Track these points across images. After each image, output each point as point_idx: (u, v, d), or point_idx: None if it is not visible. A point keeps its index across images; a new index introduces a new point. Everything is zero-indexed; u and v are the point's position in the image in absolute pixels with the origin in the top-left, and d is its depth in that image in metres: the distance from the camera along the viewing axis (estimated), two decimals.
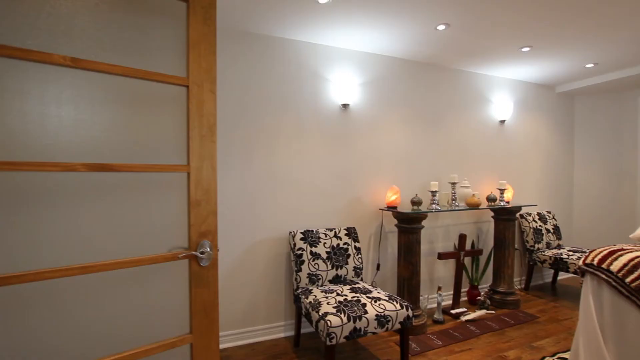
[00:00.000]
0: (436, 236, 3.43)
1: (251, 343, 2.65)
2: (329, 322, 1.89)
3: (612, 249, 1.64)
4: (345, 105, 2.92)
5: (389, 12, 2.30)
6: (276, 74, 2.71)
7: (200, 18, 1.28)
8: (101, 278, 1.16)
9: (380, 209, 3.08)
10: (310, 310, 2.12)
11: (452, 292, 3.39)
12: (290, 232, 2.61)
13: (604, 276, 1.59)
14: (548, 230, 3.91)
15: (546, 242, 3.84)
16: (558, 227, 4.03)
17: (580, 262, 1.72)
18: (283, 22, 2.46)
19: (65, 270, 1.05)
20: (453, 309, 3.21)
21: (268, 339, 2.71)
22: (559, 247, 3.90)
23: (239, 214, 2.61)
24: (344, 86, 2.87)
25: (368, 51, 3.02)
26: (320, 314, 1.98)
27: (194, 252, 1.29)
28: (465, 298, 3.57)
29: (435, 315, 3.05)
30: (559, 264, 3.46)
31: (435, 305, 3.17)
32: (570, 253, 3.54)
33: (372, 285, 2.88)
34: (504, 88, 3.82)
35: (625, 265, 1.53)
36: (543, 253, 3.67)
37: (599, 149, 4.32)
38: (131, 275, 1.25)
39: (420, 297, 3.24)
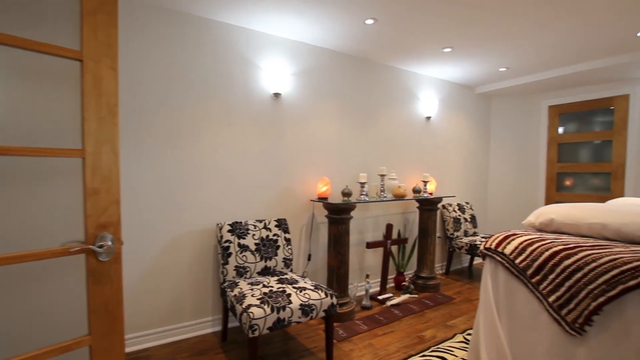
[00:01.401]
0: (366, 226, 3.56)
1: (176, 341, 2.52)
2: (251, 314, 1.86)
3: (507, 234, 1.84)
4: (276, 95, 2.87)
5: (319, 1, 2.30)
6: (203, 57, 2.57)
7: None
8: None
9: (311, 200, 3.11)
10: (234, 303, 2.07)
11: (380, 279, 3.55)
12: (218, 224, 2.52)
13: (499, 258, 1.77)
14: (466, 220, 4.27)
15: (464, 230, 4.19)
16: (474, 216, 4.42)
17: (482, 247, 1.90)
18: (210, 2, 2.33)
19: None
20: (380, 295, 3.37)
21: (195, 335, 2.60)
22: (474, 234, 4.29)
23: (161, 206, 2.45)
24: (275, 75, 2.82)
25: (301, 40, 3.00)
26: (243, 306, 1.94)
27: (90, 246, 1.17)
28: (393, 284, 3.77)
29: (363, 302, 3.18)
30: (474, 250, 3.80)
31: (364, 292, 3.30)
32: (483, 240, 3.91)
33: (303, 275, 2.90)
34: (430, 86, 4.05)
35: (516, 248, 1.72)
36: (461, 240, 4.00)
37: (510, 146, 4.81)
38: (18, 273, 1.10)
39: (350, 285, 3.35)
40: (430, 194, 3.66)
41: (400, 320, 2.91)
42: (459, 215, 4.22)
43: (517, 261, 1.68)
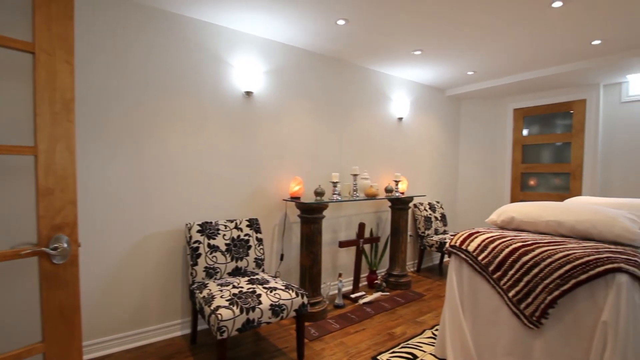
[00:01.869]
0: (339, 226, 3.59)
1: (142, 345, 2.44)
2: (219, 316, 1.83)
3: (470, 232, 1.90)
4: (248, 93, 2.84)
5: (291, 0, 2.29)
6: (172, 53, 2.50)
7: None
8: None
9: (284, 200, 3.10)
10: (203, 304, 2.03)
11: (353, 278, 3.58)
12: (187, 224, 2.46)
13: (463, 255, 1.83)
14: (436, 218, 4.39)
15: (435, 229, 4.31)
16: (445, 215, 4.55)
17: (447, 245, 1.96)
18: None
19: None
20: (353, 293, 3.41)
21: (162, 339, 2.53)
22: (444, 232, 4.42)
23: (127, 206, 2.36)
24: (247, 73, 2.79)
25: (273, 39, 2.98)
26: (212, 307, 1.91)
27: (44, 249, 1.11)
28: (366, 282, 3.81)
29: (336, 301, 3.20)
30: (443, 248, 3.91)
31: (336, 291, 3.32)
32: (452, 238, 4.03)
33: (275, 275, 2.88)
34: (402, 87, 4.13)
35: (478, 245, 1.78)
36: (431, 238, 4.11)
37: (479, 147, 4.98)
38: None
39: (323, 285, 3.36)
40: (402, 193, 3.73)
41: (372, 318, 2.95)
42: (430, 214, 4.33)
43: (480, 258, 1.75)
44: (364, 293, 3.42)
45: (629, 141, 3.85)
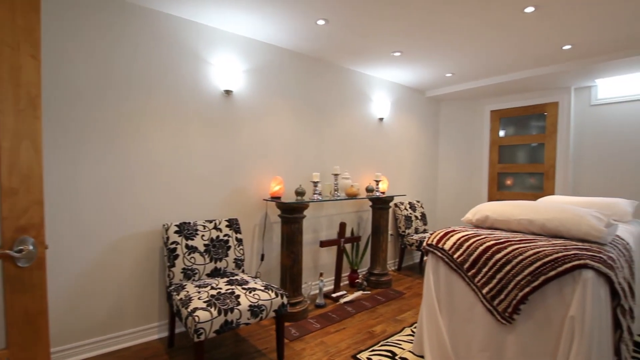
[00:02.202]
0: (320, 225, 3.59)
1: (118, 349, 2.38)
2: (196, 318, 1.80)
3: (446, 231, 1.94)
4: (228, 92, 2.81)
5: None
6: (148, 50, 2.44)
7: None
8: None
9: (264, 200, 3.08)
10: (180, 307, 2.00)
11: (334, 277, 3.60)
12: (164, 225, 2.41)
13: (439, 254, 1.87)
14: (417, 217, 4.46)
15: (415, 228, 4.37)
16: (425, 214, 4.63)
17: (424, 243, 1.99)
18: None
19: None
20: (334, 292, 3.42)
21: (139, 343, 2.47)
22: (424, 231, 4.49)
23: (100, 207, 2.29)
24: (227, 71, 2.76)
25: (253, 37, 2.95)
26: (189, 310, 1.88)
27: (7, 251, 1.06)
28: (347, 282, 3.84)
29: (317, 300, 3.20)
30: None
31: (318, 291, 3.32)
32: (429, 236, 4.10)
33: (256, 276, 2.86)
34: (383, 88, 4.18)
35: (454, 244, 1.82)
36: (412, 237, 4.17)
37: (458, 147, 5.09)
38: None
39: (304, 285, 3.36)
40: (383, 193, 3.77)
41: (353, 316, 2.97)
42: (410, 214, 4.39)
43: (455, 256, 1.79)
44: (345, 292, 3.44)
45: (598, 142, 4.01)
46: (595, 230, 1.70)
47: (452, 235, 1.88)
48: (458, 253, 1.78)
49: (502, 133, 4.74)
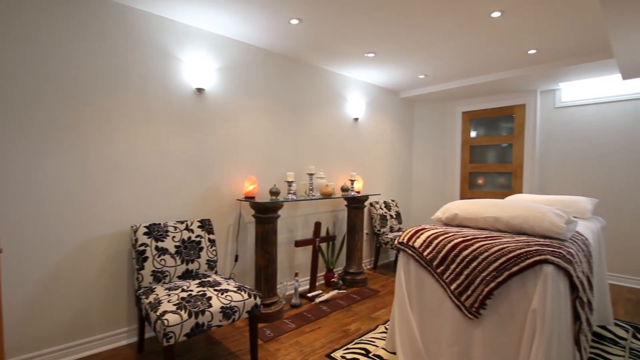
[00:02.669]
0: (296, 225, 3.58)
1: (85, 357, 2.29)
2: (165, 322, 1.75)
3: (417, 229, 1.98)
4: (200, 90, 2.75)
5: None
6: (115, 46, 2.36)
7: None
8: None
9: (238, 200, 3.04)
10: (149, 310, 1.94)
11: (310, 277, 3.60)
12: (132, 227, 2.33)
13: (410, 252, 1.90)
14: (392, 216, 4.53)
15: (390, 226, 4.44)
16: (399, 213, 4.71)
17: (396, 242, 2.03)
18: None
19: None
20: (310, 292, 3.42)
21: (107, 349, 2.38)
22: (399, 230, 4.57)
23: (65, 209, 2.19)
24: (198, 69, 2.70)
25: (226, 35, 2.91)
26: (158, 313, 1.83)
27: None
28: (323, 281, 3.85)
29: (292, 301, 3.19)
30: None
31: (293, 291, 3.32)
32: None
33: (230, 277, 2.82)
34: (357, 89, 4.21)
35: (424, 242, 1.86)
36: (387, 236, 4.23)
37: (431, 148, 5.21)
38: None
39: (279, 285, 3.35)
40: (358, 192, 3.81)
41: (328, 315, 2.98)
42: (385, 213, 4.46)
43: (425, 253, 1.82)
44: (320, 292, 3.44)
45: (562, 143, 4.21)
46: (556, 226, 1.77)
47: (422, 234, 1.92)
48: (427, 250, 1.82)
49: (473, 134, 4.89)
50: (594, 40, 2.91)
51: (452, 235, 1.83)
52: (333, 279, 3.66)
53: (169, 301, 1.93)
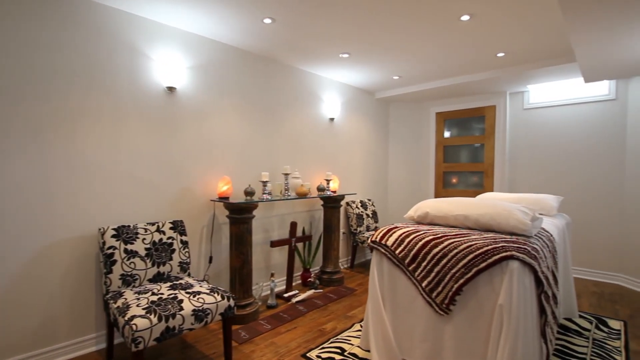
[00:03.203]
0: (272, 225, 3.56)
1: None
2: (134, 326, 1.70)
3: (389, 228, 2.01)
4: (171, 89, 2.68)
5: None
6: (80, 42, 2.26)
7: None
8: None
9: (211, 200, 2.98)
10: (117, 315, 1.87)
11: (286, 277, 3.58)
12: (100, 229, 2.25)
13: (382, 250, 1.93)
14: (368, 215, 4.57)
15: (366, 226, 4.48)
16: (376, 212, 4.76)
17: (369, 240, 2.04)
18: None
19: None
20: (286, 292, 3.40)
21: (74, 356, 2.29)
22: (376, 229, 4.62)
23: (25, 212, 2.08)
24: (169, 67, 2.63)
25: (198, 33, 2.85)
26: (126, 318, 1.77)
27: None
28: (300, 281, 3.84)
29: (269, 301, 3.17)
30: None
31: (269, 291, 3.29)
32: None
33: (204, 279, 2.77)
34: (333, 89, 4.23)
35: (396, 240, 1.89)
36: (363, 235, 4.27)
37: (406, 147, 5.30)
38: None
39: (255, 286, 3.31)
40: (334, 192, 3.82)
41: (304, 315, 2.98)
42: (362, 212, 4.50)
43: (397, 251, 1.85)
44: (297, 292, 3.43)
45: (530, 143, 4.38)
46: (522, 223, 1.84)
47: (394, 232, 1.95)
48: (400, 249, 1.85)
49: (447, 134, 5.01)
50: (558, 45, 3.04)
51: (424, 233, 1.87)
52: (310, 279, 3.66)
53: (138, 305, 1.87)
